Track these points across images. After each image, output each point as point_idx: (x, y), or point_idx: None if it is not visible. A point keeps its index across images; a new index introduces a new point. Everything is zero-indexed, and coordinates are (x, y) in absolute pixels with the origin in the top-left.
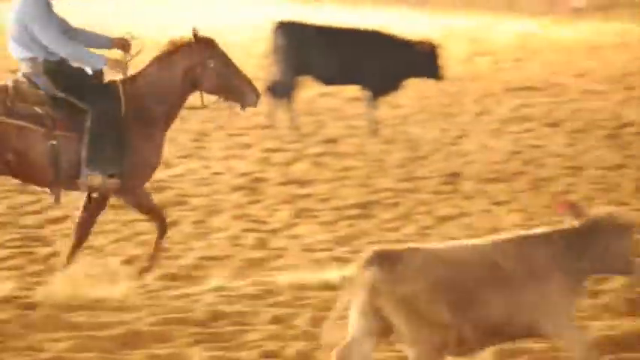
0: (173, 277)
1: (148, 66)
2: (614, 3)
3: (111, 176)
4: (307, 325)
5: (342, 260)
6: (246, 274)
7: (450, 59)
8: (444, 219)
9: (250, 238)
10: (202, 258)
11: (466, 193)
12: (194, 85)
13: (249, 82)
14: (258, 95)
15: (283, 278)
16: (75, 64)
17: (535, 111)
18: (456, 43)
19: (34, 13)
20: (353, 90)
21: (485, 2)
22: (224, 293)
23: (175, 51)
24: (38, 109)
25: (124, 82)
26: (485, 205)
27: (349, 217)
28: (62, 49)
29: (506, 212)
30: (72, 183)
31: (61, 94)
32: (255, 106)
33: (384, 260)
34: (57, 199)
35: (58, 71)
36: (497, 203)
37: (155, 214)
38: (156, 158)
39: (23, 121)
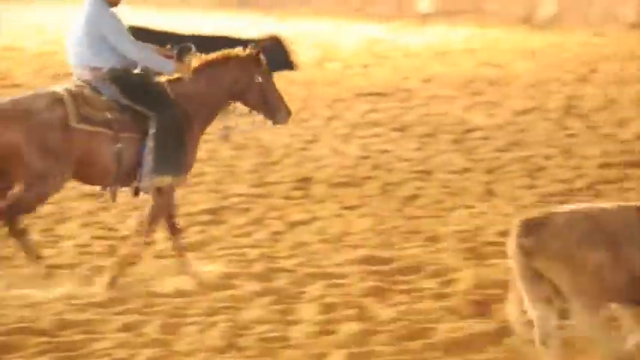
0: (20, 286)
1: (197, 71)
2: (460, 9)
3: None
4: (157, 333)
5: (192, 268)
6: (95, 282)
7: (300, 64)
8: (296, 224)
9: (100, 246)
10: (51, 266)
11: (317, 198)
12: (237, 96)
13: (283, 100)
14: (289, 113)
15: (134, 285)
16: (137, 71)
17: (384, 116)
18: (305, 48)
19: (111, 24)
20: None
21: (333, 8)
22: (72, 301)
23: (226, 61)
24: (107, 114)
25: (171, 83)
26: (336, 209)
27: (200, 223)
28: (137, 55)
29: (356, 216)
30: (127, 183)
31: (125, 101)
32: (286, 124)
33: (532, 226)
34: (114, 198)
35: (123, 79)
36: (348, 207)
37: (157, 220)
38: (193, 161)
39: (95, 126)
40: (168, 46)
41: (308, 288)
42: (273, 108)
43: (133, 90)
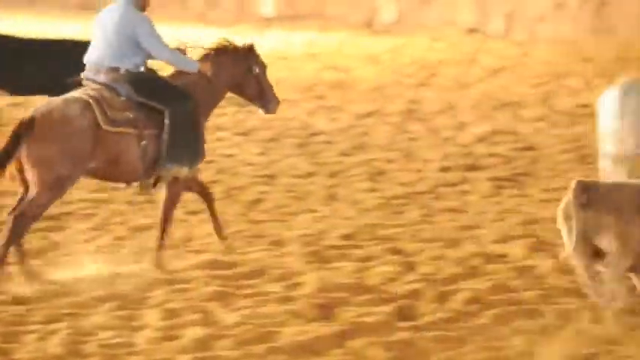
0: None
1: (199, 62)
2: (302, 13)
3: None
4: None
5: (34, 274)
6: None
7: None
8: (139, 229)
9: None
10: None
11: (160, 203)
12: (236, 87)
13: (274, 91)
14: (279, 103)
15: None
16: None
17: (227, 120)
18: None
19: (146, 27)
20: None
21: (175, 13)
22: None
23: (225, 53)
24: (129, 114)
25: (173, 77)
26: (180, 214)
27: (41, 230)
28: (169, 56)
29: (200, 221)
30: (150, 176)
31: (140, 99)
32: (275, 113)
33: (585, 188)
34: (145, 192)
35: (136, 78)
36: (192, 212)
37: (173, 210)
38: (204, 150)
39: (122, 127)
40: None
41: (152, 293)
42: (266, 98)
43: (146, 88)
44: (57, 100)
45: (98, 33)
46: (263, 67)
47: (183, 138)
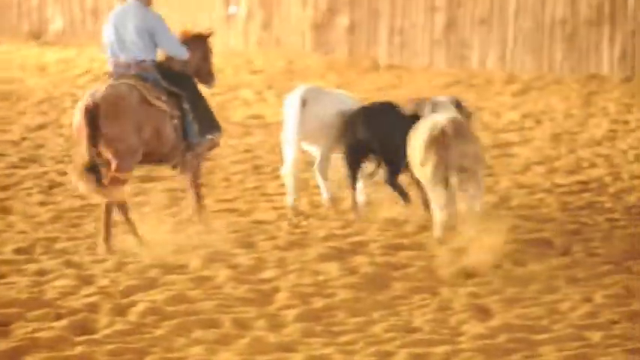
0: None
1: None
2: None
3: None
4: None
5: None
6: None
7: None
8: None
9: None
10: None
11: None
12: (199, 68)
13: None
14: (215, 80)
15: None
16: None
17: None
18: None
19: (161, 24)
20: None
21: None
22: None
23: (194, 39)
24: (161, 97)
25: (160, 64)
26: None
27: None
28: (178, 49)
29: None
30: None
31: (164, 85)
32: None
33: None
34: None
35: (160, 68)
36: None
37: (200, 176)
38: None
39: (160, 104)
40: None
41: None
42: (211, 76)
43: (168, 75)
44: (104, 86)
45: (119, 31)
46: (211, 50)
47: (202, 114)
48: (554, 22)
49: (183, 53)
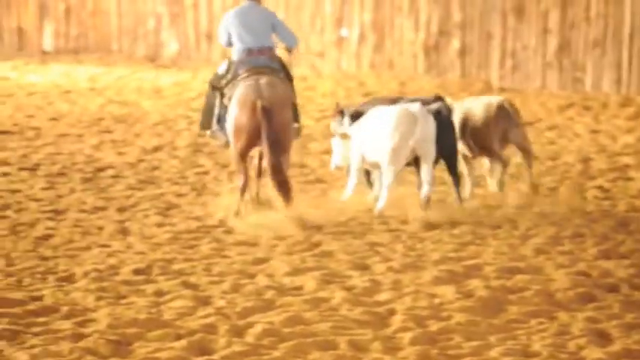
0: None
1: None
2: (85, 47)
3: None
4: None
5: None
6: None
7: None
8: None
9: None
10: None
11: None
12: None
13: None
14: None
15: None
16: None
17: (11, 155)
18: None
19: (277, 18)
20: None
21: None
22: None
23: None
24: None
25: None
26: None
27: None
28: (293, 40)
29: None
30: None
31: (282, 74)
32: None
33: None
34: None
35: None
36: None
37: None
38: None
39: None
40: None
41: None
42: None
43: (279, 59)
44: (262, 84)
45: (246, 24)
46: None
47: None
48: None
49: (296, 43)
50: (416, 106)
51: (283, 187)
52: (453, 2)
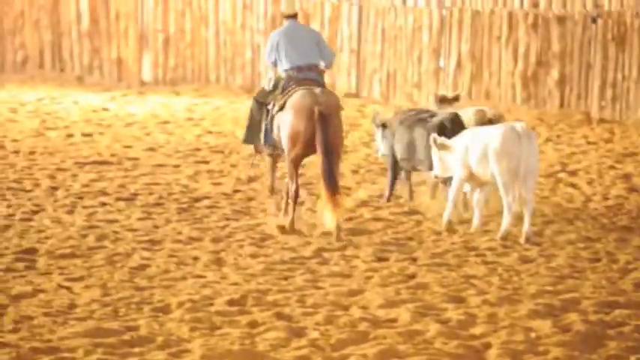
0: None
1: None
2: (182, 77)
3: None
4: None
5: None
6: None
7: (20, 133)
8: (19, 297)
9: None
10: None
11: (41, 270)
12: None
13: None
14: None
15: None
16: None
17: (109, 185)
18: (25, 117)
19: (321, 36)
20: None
21: (55, 77)
22: None
23: None
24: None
25: None
26: (61, 280)
27: None
28: (332, 59)
29: (82, 288)
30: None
31: (322, 81)
32: None
33: None
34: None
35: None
36: (74, 279)
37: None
38: None
39: None
40: None
41: None
42: None
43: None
44: (317, 93)
45: (293, 43)
46: None
47: None
48: None
49: (332, 63)
50: (521, 125)
51: (335, 192)
52: (552, 32)
